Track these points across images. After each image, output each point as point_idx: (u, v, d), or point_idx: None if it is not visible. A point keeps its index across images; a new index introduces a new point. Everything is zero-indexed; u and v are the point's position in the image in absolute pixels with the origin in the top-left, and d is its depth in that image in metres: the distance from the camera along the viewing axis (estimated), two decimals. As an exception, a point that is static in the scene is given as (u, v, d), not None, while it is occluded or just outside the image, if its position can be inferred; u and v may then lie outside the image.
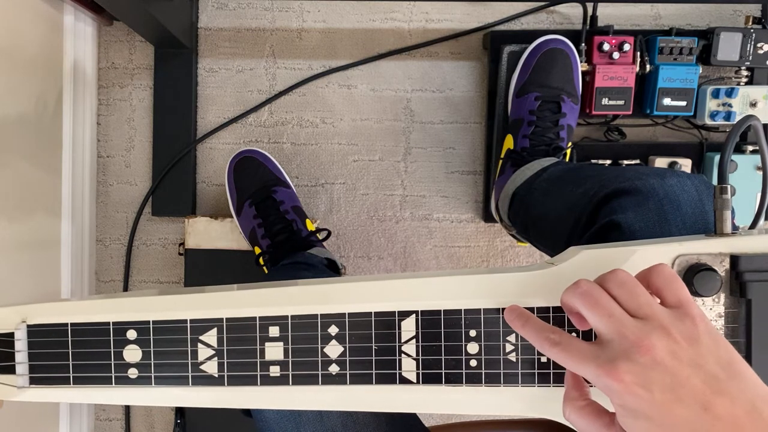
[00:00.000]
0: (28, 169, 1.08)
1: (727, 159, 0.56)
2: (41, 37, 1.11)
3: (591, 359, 0.44)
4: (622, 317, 0.45)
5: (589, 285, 0.48)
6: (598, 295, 0.47)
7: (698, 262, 0.54)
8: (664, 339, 0.43)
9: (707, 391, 0.42)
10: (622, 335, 0.44)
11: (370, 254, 1.30)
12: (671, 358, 0.43)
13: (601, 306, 0.46)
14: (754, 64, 1.16)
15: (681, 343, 0.44)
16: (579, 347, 0.46)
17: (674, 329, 0.44)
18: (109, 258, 1.31)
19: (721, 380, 0.43)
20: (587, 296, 0.47)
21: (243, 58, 1.28)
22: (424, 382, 0.56)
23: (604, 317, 0.45)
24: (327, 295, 0.56)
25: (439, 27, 1.27)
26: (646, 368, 0.43)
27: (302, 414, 0.67)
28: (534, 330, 0.49)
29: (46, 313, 0.58)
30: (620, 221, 0.69)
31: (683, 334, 0.44)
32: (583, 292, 0.47)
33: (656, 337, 0.43)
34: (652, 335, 0.43)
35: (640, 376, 0.42)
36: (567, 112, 1.11)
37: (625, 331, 0.44)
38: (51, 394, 0.59)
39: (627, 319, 0.45)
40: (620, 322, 0.45)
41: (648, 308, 0.45)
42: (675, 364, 0.43)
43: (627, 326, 0.44)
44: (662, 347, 0.43)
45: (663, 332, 0.44)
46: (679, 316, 0.45)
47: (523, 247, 1.31)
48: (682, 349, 0.43)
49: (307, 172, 1.29)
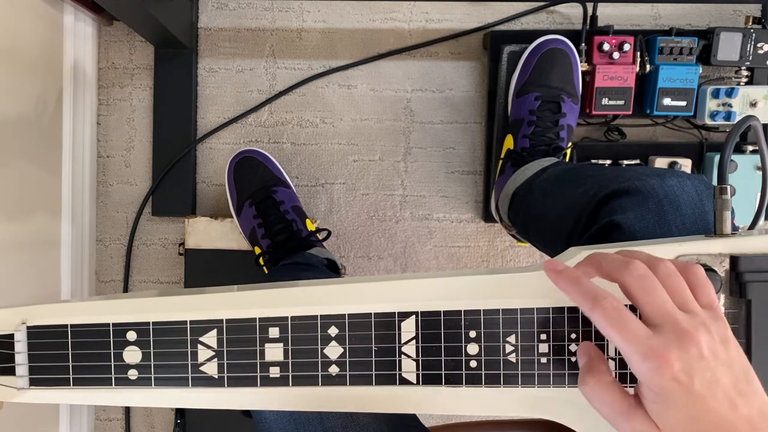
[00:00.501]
0: (28, 169, 1.08)
1: (727, 159, 0.56)
2: (41, 37, 1.11)
3: (644, 339, 0.45)
4: (674, 308, 0.47)
5: (645, 269, 0.48)
6: (654, 283, 0.48)
7: (698, 263, 0.54)
8: (708, 336, 0.46)
9: (733, 391, 0.45)
10: (674, 323, 0.46)
11: (370, 254, 1.30)
12: (712, 355, 0.45)
13: (657, 293, 0.47)
14: (754, 64, 1.16)
15: (718, 343, 0.46)
16: (635, 324, 0.46)
17: (713, 328, 0.46)
18: (109, 258, 1.31)
19: (742, 383, 0.46)
20: (644, 281, 0.48)
21: (243, 58, 1.28)
22: (424, 383, 0.56)
23: (659, 304, 0.47)
24: (327, 296, 0.56)
25: (439, 27, 1.27)
26: (692, 359, 0.45)
27: (302, 415, 0.67)
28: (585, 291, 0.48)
29: (46, 314, 0.58)
30: (620, 221, 0.69)
31: (719, 334, 0.46)
32: (641, 275, 0.48)
33: (703, 332, 0.46)
34: (700, 330, 0.46)
35: (686, 364, 0.44)
36: (567, 112, 1.11)
37: (677, 320, 0.46)
38: (51, 395, 0.59)
39: (678, 311, 0.47)
40: (673, 312, 0.47)
41: (693, 305, 0.48)
42: (714, 361, 0.45)
43: (678, 317, 0.46)
44: (706, 344, 0.45)
45: (706, 330, 0.46)
46: (714, 317, 0.47)
47: (523, 247, 1.31)
48: (719, 349, 0.46)
49: (307, 172, 1.29)
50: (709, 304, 0.48)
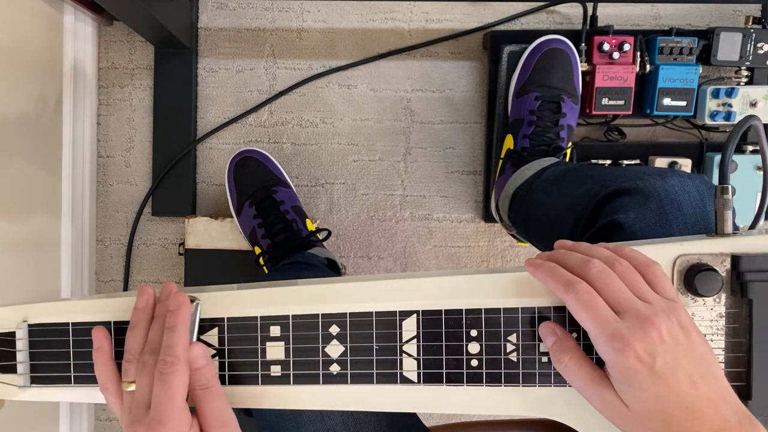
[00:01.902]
0: (28, 169, 1.08)
1: (728, 159, 0.56)
2: (41, 37, 1.11)
3: (611, 323, 0.49)
4: (634, 299, 0.50)
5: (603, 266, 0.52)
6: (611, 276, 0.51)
7: (699, 262, 0.54)
8: (667, 322, 0.49)
9: (695, 374, 0.48)
10: (635, 310, 0.49)
11: (370, 254, 1.30)
12: (672, 339, 0.48)
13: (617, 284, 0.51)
14: (754, 64, 1.16)
15: (678, 329, 0.49)
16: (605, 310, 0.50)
17: (673, 316, 0.49)
18: (109, 258, 1.31)
19: (703, 367, 0.49)
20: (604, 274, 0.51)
21: (243, 58, 1.28)
22: (425, 381, 0.56)
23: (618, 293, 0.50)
24: (328, 295, 0.56)
25: (439, 27, 1.27)
26: (654, 342, 0.48)
27: (303, 414, 0.67)
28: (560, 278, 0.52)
29: (47, 312, 0.58)
30: (621, 221, 0.69)
31: (679, 321, 0.49)
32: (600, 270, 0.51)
33: (662, 318, 0.49)
34: (660, 316, 0.49)
35: (648, 346, 0.47)
36: (567, 112, 1.11)
37: (637, 308, 0.49)
38: (52, 393, 0.59)
39: (637, 300, 0.50)
40: (633, 300, 0.50)
41: (650, 295, 0.51)
42: (675, 345, 0.48)
43: (638, 305, 0.50)
44: (666, 328, 0.48)
45: (666, 316, 0.49)
46: (674, 308, 0.50)
47: (523, 247, 1.31)
48: (679, 334, 0.49)
49: (307, 172, 1.29)
50: (668, 296, 0.51)
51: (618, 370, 0.49)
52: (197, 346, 0.54)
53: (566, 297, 0.51)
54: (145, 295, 0.56)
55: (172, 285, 0.57)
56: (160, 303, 0.56)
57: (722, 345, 0.55)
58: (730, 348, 0.55)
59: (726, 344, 0.55)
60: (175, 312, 0.54)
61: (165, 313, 0.54)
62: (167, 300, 0.55)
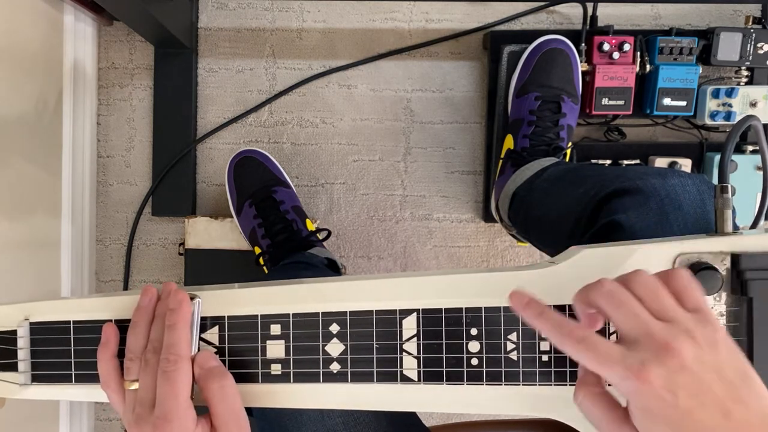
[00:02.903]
0: (28, 169, 1.08)
1: (728, 159, 0.56)
2: (41, 37, 1.11)
3: (619, 360, 0.43)
4: (649, 319, 0.45)
5: (614, 285, 0.47)
6: (623, 295, 0.46)
7: (699, 261, 0.54)
8: (690, 343, 0.43)
9: (727, 398, 0.42)
10: (649, 336, 0.44)
11: (370, 254, 1.30)
12: (697, 363, 0.43)
13: (627, 306, 0.45)
14: (754, 64, 1.16)
15: (704, 348, 0.43)
16: (606, 346, 0.44)
17: (698, 334, 0.44)
18: (109, 258, 1.31)
19: (737, 387, 0.43)
20: (612, 296, 0.46)
21: (243, 58, 1.28)
22: (425, 380, 0.56)
23: (631, 317, 0.45)
24: (328, 294, 0.56)
25: (439, 27, 1.27)
26: (674, 372, 0.42)
27: (303, 413, 0.67)
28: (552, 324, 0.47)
29: (49, 310, 0.59)
30: (621, 221, 0.69)
31: (706, 339, 0.44)
32: (608, 291, 0.46)
33: (683, 341, 0.43)
34: (679, 338, 0.43)
35: (668, 380, 0.42)
36: (567, 112, 1.11)
37: (652, 332, 0.44)
38: (53, 391, 0.59)
39: (653, 321, 0.44)
40: (647, 323, 0.44)
41: (672, 311, 0.45)
42: (700, 369, 0.42)
43: (654, 328, 0.44)
44: (688, 352, 0.43)
45: (688, 336, 0.43)
46: (701, 321, 0.45)
47: (523, 247, 1.31)
48: (705, 354, 0.43)
49: (307, 172, 1.29)
50: (696, 307, 0.46)
51: (638, 411, 0.44)
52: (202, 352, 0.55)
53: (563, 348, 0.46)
54: (148, 295, 0.56)
55: (172, 284, 0.57)
56: (160, 302, 0.56)
57: (722, 344, 0.55)
58: (730, 347, 0.55)
59: (726, 343, 0.55)
60: (175, 310, 0.54)
61: (165, 312, 0.55)
62: (167, 299, 0.55)
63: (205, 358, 0.54)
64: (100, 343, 0.56)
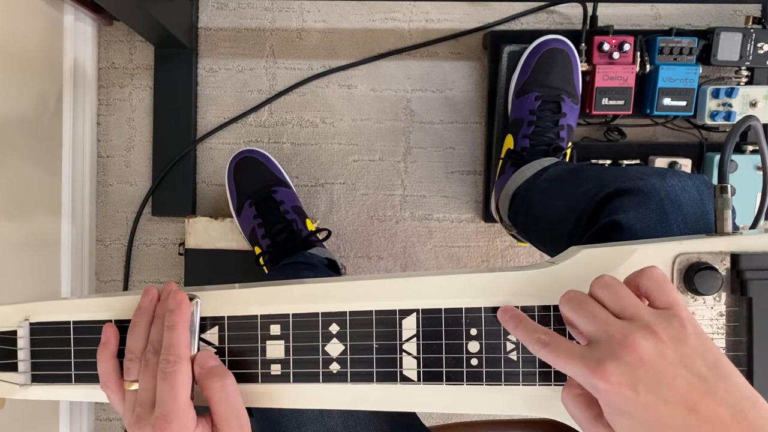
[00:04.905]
0: (28, 169, 1.08)
1: (728, 159, 0.56)
2: (41, 37, 1.11)
3: (578, 359, 0.45)
4: (607, 317, 0.46)
5: (575, 291, 0.49)
6: (582, 299, 0.48)
7: (699, 261, 0.54)
8: (650, 338, 0.43)
9: (693, 393, 0.42)
10: (608, 335, 0.45)
11: (370, 254, 1.30)
12: (657, 357, 0.43)
13: (585, 308, 0.47)
14: (754, 64, 1.16)
15: (667, 343, 0.43)
16: (567, 347, 0.46)
17: (660, 329, 0.44)
18: (109, 258, 1.31)
19: (707, 381, 0.43)
20: (572, 300, 0.48)
21: (243, 58, 1.28)
22: (425, 380, 0.56)
23: (589, 318, 0.46)
24: (328, 294, 0.56)
25: (439, 27, 1.27)
26: (632, 367, 0.43)
27: (303, 414, 0.67)
28: (525, 331, 0.50)
29: (49, 311, 0.59)
30: (621, 221, 0.68)
31: (669, 334, 0.44)
32: (568, 297, 0.49)
33: (641, 336, 0.43)
34: (637, 334, 0.44)
35: (626, 375, 0.43)
36: (567, 112, 1.11)
37: (611, 330, 0.45)
38: (53, 392, 0.59)
39: (612, 320, 0.46)
40: (605, 322, 0.45)
41: (633, 309, 0.46)
42: (661, 363, 0.43)
43: (612, 326, 0.45)
44: (647, 346, 0.43)
45: (648, 332, 0.44)
46: (666, 317, 0.45)
47: (523, 247, 1.31)
48: (668, 348, 0.43)
49: (307, 172, 1.29)
50: (667, 304, 0.46)
51: (605, 408, 0.44)
52: (202, 352, 0.55)
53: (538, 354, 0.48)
54: (149, 295, 0.57)
55: (172, 284, 0.57)
56: (160, 303, 0.56)
57: (723, 344, 0.55)
58: (730, 346, 0.55)
59: (726, 343, 0.55)
60: (174, 311, 0.54)
61: (165, 313, 0.55)
62: (167, 299, 0.55)
63: (205, 357, 0.54)
64: (100, 344, 0.56)
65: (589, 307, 0.47)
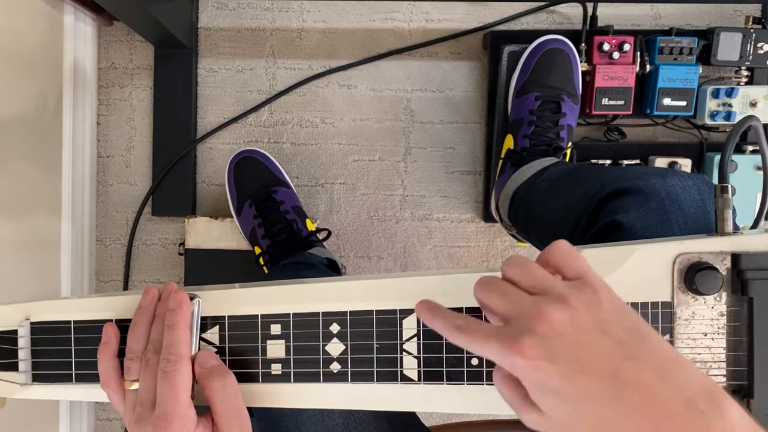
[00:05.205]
0: (28, 169, 1.08)
1: (728, 159, 0.56)
2: (41, 37, 1.11)
3: (493, 337, 0.43)
4: (520, 294, 0.44)
5: (488, 275, 0.47)
6: (493, 281, 0.46)
7: (699, 261, 0.54)
8: (563, 307, 0.42)
9: (614, 358, 0.41)
10: (521, 311, 0.43)
11: (370, 254, 1.30)
12: (572, 326, 0.41)
13: (497, 289, 0.46)
14: (754, 64, 1.16)
15: (580, 310, 0.42)
16: (483, 328, 0.44)
17: (572, 298, 0.43)
18: (109, 258, 1.31)
19: (627, 345, 0.41)
20: (483, 284, 0.47)
21: (243, 58, 1.28)
22: (426, 380, 0.56)
23: (501, 297, 0.45)
24: (328, 293, 0.56)
25: (439, 27, 1.27)
26: (547, 339, 0.41)
27: (303, 413, 0.67)
28: (442, 320, 0.47)
29: (50, 310, 0.59)
30: (622, 221, 0.69)
31: (582, 301, 0.43)
32: (480, 281, 0.47)
33: (553, 307, 0.42)
34: (549, 305, 0.42)
35: (542, 348, 0.41)
36: (567, 112, 1.11)
37: (524, 306, 0.43)
38: (53, 391, 0.59)
39: (524, 296, 0.44)
40: (517, 298, 0.44)
41: (545, 282, 0.45)
42: (577, 332, 0.41)
43: (524, 302, 0.44)
44: (561, 316, 0.42)
45: (560, 302, 0.42)
46: (577, 286, 0.44)
47: (523, 247, 1.31)
48: (582, 316, 0.42)
49: (307, 172, 1.29)
50: (579, 273, 0.45)
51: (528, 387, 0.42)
52: (203, 352, 0.55)
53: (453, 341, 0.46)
54: (150, 295, 0.57)
55: (173, 284, 0.57)
56: (160, 302, 0.56)
57: (723, 343, 0.55)
58: (731, 346, 0.55)
59: (727, 343, 0.55)
60: (174, 310, 0.54)
61: (165, 312, 0.55)
62: (167, 299, 0.55)
63: (206, 357, 0.54)
64: (101, 343, 0.56)
65: (500, 287, 0.45)
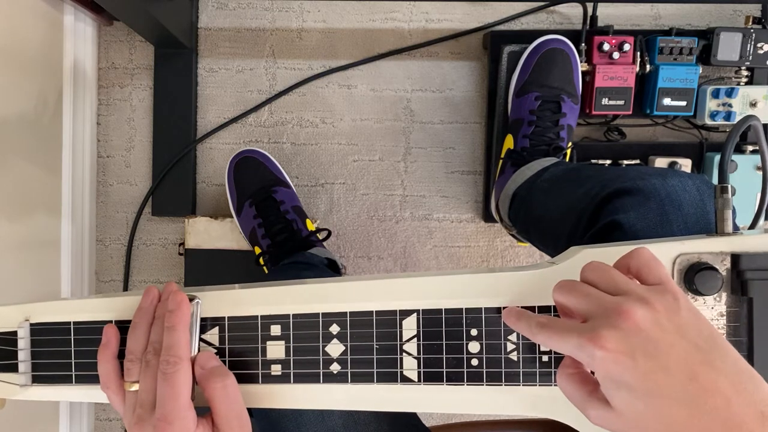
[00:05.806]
0: (28, 169, 1.08)
1: (728, 159, 0.56)
2: (41, 37, 1.11)
3: (574, 331, 0.44)
4: (600, 295, 0.46)
5: (566, 279, 0.50)
6: (574, 283, 0.48)
7: (699, 261, 0.54)
8: (645, 308, 0.43)
9: (692, 361, 0.41)
10: (601, 308, 0.45)
11: (370, 254, 1.30)
12: (654, 325, 0.42)
13: (578, 290, 0.47)
14: (754, 64, 1.16)
15: (662, 312, 0.43)
16: (564, 324, 0.46)
17: (653, 300, 0.44)
18: (109, 258, 1.31)
19: (705, 351, 0.42)
20: (564, 286, 0.49)
21: (243, 58, 1.28)
22: (426, 381, 0.56)
23: (583, 297, 0.47)
24: (328, 294, 0.56)
25: (439, 27, 1.27)
26: (629, 334, 0.42)
27: (303, 414, 0.67)
28: (525, 321, 0.49)
29: (49, 311, 0.58)
30: (622, 221, 0.69)
31: (663, 305, 0.44)
32: (560, 284, 0.49)
33: (635, 306, 0.43)
34: (631, 303, 0.43)
35: (622, 342, 0.42)
36: (567, 112, 1.11)
37: (605, 304, 0.45)
38: (53, 392, 0.59)
39: (605, 296, 0.46)
40: (598, 298, 0.46)
41: (625, 285, 0.46)
42: (658, 331, 0.42)
43: (605, 301, 0.45)
44: (643, 314, 0.43)
45: (643, 302, 0.44)
46: (659, 291, 0.45)
47: (523, 247, 1.31)
48: (663, 317, 0.43)
49: (307, 172, 1.29)
50: (659, 280, 0.47)
51: (602, 380, 0.44)
52: (203, 353, 0.55)
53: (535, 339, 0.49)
54: (150, 296, 0.57)
55: (173, 285, 0.57)
56: (160, 303, 0.56)
57: (723, 344, 0.55)
58: (730, 347, 0.55)
59: (726, 343, 0.55)
60: (174, 312, 0.54)
61: (165, 314, 0.55)
62: (167, 300, 0.55)
63: (206, 358, 0.54)
64: (101, 344, 0.56)
65: (582, 288, 0.47)
